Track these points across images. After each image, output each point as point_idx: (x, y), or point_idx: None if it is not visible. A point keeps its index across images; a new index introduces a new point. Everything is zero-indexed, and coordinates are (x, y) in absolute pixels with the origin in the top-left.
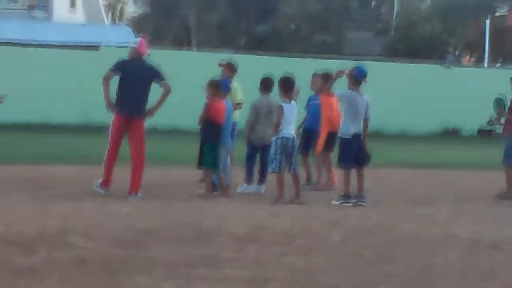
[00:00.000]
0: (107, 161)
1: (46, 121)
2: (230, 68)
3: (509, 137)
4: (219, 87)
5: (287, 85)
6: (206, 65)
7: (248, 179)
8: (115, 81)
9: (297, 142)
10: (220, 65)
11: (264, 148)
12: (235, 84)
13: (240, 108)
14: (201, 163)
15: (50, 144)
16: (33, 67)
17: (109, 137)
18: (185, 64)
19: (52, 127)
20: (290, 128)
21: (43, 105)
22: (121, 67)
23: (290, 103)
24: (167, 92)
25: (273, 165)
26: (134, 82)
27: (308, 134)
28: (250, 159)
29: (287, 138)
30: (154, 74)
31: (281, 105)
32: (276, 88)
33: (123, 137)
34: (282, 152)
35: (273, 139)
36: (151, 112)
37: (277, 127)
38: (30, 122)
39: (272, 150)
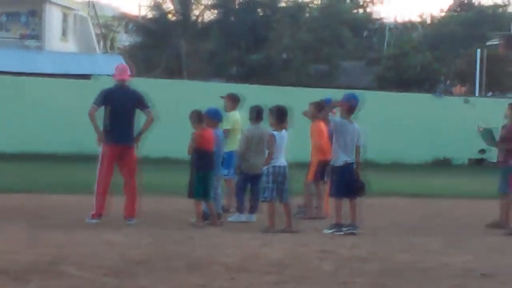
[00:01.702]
0: (99, 193)
1: (38, 150)
2: (232, 99)
3: (503, 168)
4: (200, 117)
5: (281, 115)
6: (198, 95)
7: (240, 208)
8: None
9: (288, 171)
10: (222, 97)
11: (255, 177)
12: (235, 114)
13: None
14: (191, 193)
15: (42, 174)
16: (25, 96)
17: (99, 168)
18: (176, 94)
19: (44, 156)
20: (282, 156)
21: (35, 134)
22: (103, 98)
23: (281, 132)
24: (150, 120)
25: (265, 194)
26: (120, 110)
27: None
28: (241, 188)
29: (279, 166)
30: (138, 101)
31: (273, 134)
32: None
33: (114, 167)
34: (274, 181)
35: (264, 168)
36: (136, 140)
37: (270, 156)
38: (21, 152)
39: (264, 179)
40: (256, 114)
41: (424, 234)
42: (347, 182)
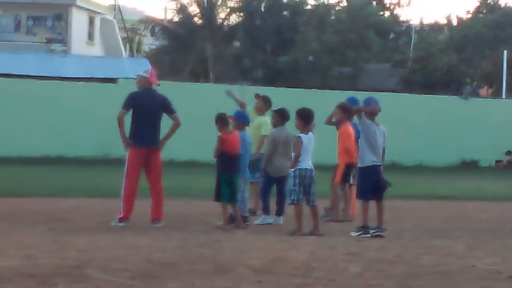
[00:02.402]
0: (126, 197)
1: (64, 154)
2: (264, 101)
3: None
4: (225, 120)
5: (307, 117)
6: (224, 98)
7: (265, 210)
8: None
9: (315, 173)
10: (256, 95)
11: (281, 180)
12: (267, 119)
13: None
14: (218, 196)
15: (67, 177)
16: (51, 100)
17: (126, 171)
18: (202, 97)
19: (70, 160)
20: (308, 159)
21: (61, 138)
22: (131, 102)
23: (307, 134)
24: (176, 125)
25: (292, 197)
26: (147, 113)
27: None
28: (266, 190)
29: (306, 169)
30: (165, 105)
31: (299, 136)
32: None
33: (141, 170)
34: (301, 183)
35: (291, 170)
36: (161, 144)
37: (297, 158)
38: (47, 155)
39: (291, 182)
40: (281, 116)
41: (450, 236)
42: (374, 184)
